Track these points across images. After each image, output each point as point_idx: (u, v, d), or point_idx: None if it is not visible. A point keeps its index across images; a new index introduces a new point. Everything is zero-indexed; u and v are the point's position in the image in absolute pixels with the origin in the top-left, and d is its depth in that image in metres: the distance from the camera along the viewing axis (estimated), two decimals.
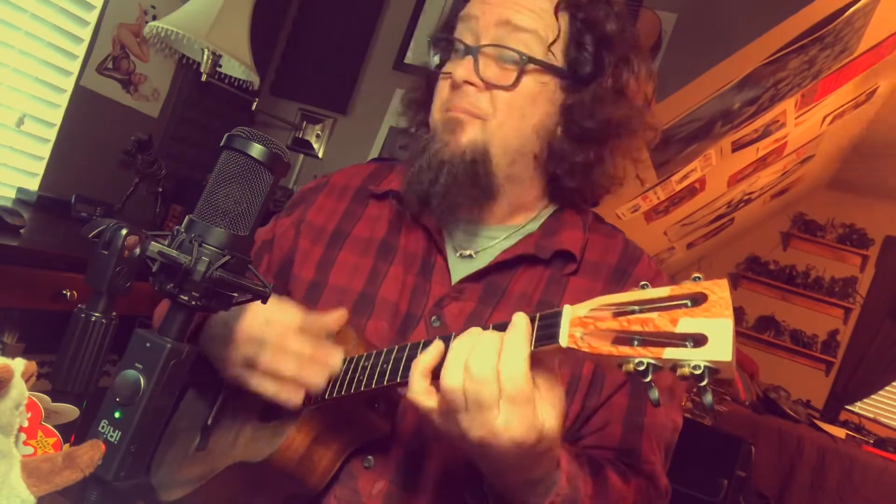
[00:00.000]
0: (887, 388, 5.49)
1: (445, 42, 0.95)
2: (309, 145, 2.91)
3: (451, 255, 0.96)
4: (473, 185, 0.89)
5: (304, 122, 2.93)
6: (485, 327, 0.67)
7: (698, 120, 2.83)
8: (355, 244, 0.99)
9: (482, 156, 0.88)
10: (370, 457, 0.86)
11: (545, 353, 0.64)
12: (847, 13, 2.53)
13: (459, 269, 0.95)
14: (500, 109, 0.88)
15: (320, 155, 2.90)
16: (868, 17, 2.68)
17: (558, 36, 0.89)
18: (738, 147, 3.48)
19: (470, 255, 0.95)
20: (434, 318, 0.90)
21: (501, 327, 0.66)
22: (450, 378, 0.65)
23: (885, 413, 5.49)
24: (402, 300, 0.92)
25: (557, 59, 0.89)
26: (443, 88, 0.92)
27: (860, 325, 5.63)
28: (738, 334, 4.35)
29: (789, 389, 4.57)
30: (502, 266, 0.92)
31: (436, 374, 0.68)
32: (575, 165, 0.92)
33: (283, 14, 2.95)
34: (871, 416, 5.41)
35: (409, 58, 2.80)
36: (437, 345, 0.69)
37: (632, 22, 0.95)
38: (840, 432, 4.19)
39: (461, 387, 0.64)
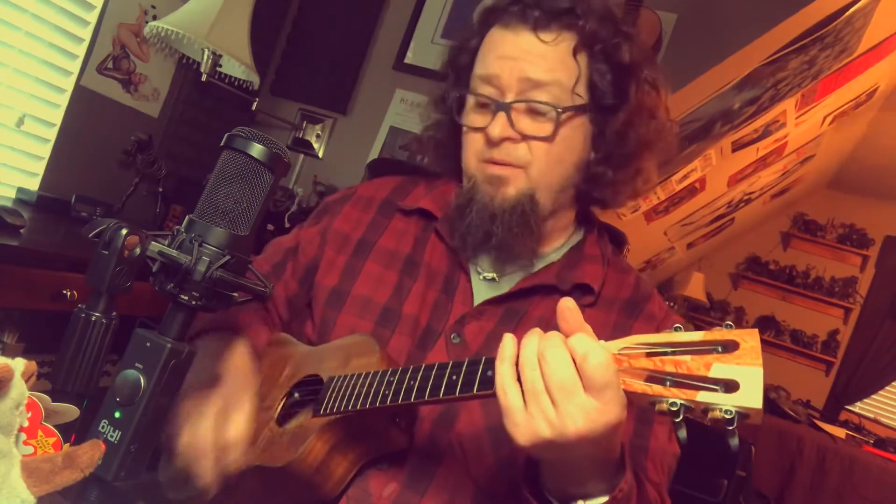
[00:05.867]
0: (887, 388, 5.49)
1: (463, 97, 0.96)
2: (309, 145, 2.91)
3: (475, 276, 0.98)
4: (527, 231, 0.92)
5: (304, 122, 2.93)
6: None
7: (698, 120, 2.83)
8: (380, 255, 1.00)
9: (530, 204, 0.91)
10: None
11: None
12: (847, 13, 2.53)
13: (482, 290, 0.97)
14: (539, 158, 0.90)
15: (320, 155, 2.90)
16: (868, 17, 2.68)
17: (580, 76, 0.91)
18: (738, 147, 3.48)
19: (493, 279, 0.97)
20: (454, 334, 0.92)
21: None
22: (529, 367, 0.63)
23: (885, 413, 5.49)
24: (423, 314, 0.94)
25: (583, 96, 0.91)
26: (475, 141, 0.93)
27: (860, 325, 5.63)
28: None
29: (789, 389, 4.58)
30: (523, 292, 0.94)
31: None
32: (616, 185, 0.96)
33: (283, 14, 2.95)
34: (871, 416, 5.42)
35: (409, 58, 2.80)
36: (510, 337, 0.66)
37: (633, 23, 0.96)
38: (840, 432, 4.19)
39: (539, 373, 0.62)
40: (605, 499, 0.69)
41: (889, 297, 5.55)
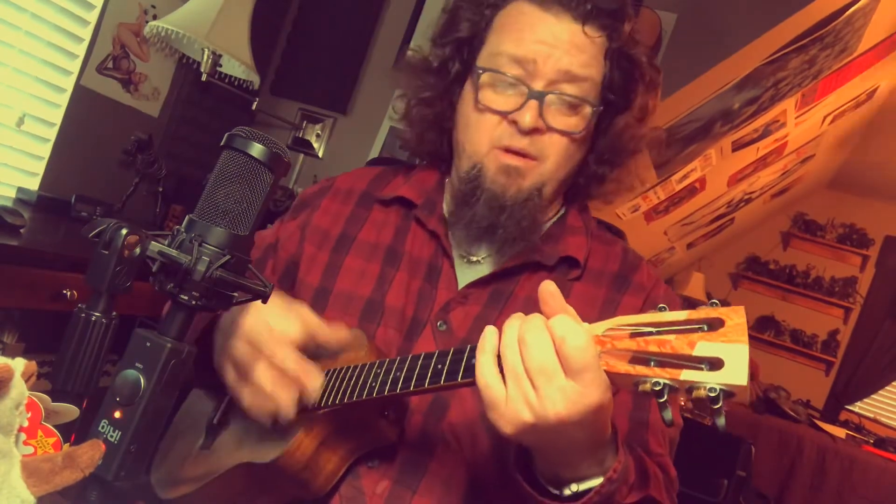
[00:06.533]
0: (887, 388, 5.49)
1: (491, 75, 0.91)
2: (309, 145, 2.91)
3: (458, 260, 0.97)
4: (534, 224, 0.92)
5: (304, 122, 2.93)
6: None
7: (698, 120, 2.83)
8: (361, 249, 0.99)
9: (538, 196, 0.91)
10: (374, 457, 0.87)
11: None
12: (847, 13, 2.53)
13: (466, 273, 0.96)
14: (557, 152, 0.90)
15: (320, 155, 2.90)
16: (868, 17, 2.68)
17: (605, 75, 0.91)
18: (738, 147, 3.48)
19: (477, 261, 0.97)
20: (440, 322, 0.91)
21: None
22: (510, 351, 0.63)
23: (885, 413, 5.49)
24: (408, 305, 0.93)
25: (604, 95, 0.92)
26: (494, 124, 0.90)
27: (860, 325, 5.63)
28: None
29: (789, 389, 4.57)
30: (508, 272, 0.93)
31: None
32: (613, 183, 0.98)
33: (283, 14, 2.95)
34: (871, 416, 5.42)
35: None
36: (492, 329, 0.67)
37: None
38: (840, 432, 4.19)
39: (519, 356, 0.62)
40: (599, 480, 0.69)
41: (889, 297, 5.55)
